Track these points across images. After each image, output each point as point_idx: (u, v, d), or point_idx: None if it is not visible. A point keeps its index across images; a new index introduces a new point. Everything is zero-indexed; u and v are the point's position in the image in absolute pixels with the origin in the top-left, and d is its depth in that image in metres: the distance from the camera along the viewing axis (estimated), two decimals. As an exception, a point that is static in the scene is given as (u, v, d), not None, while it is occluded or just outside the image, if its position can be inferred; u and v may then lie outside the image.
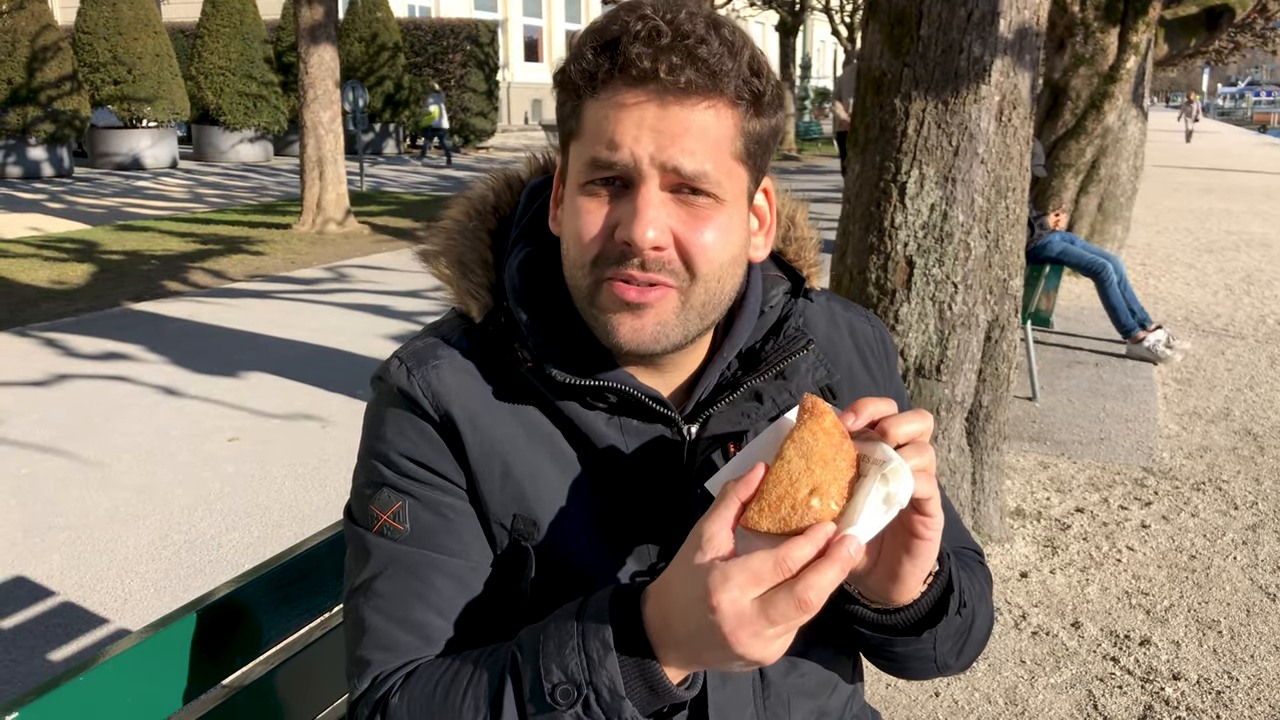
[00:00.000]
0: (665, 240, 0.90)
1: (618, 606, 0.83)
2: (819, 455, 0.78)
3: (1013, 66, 2.95)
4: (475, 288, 1.02)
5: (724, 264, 0.93)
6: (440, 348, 1.02)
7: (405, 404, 1.00)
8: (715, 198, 0.91)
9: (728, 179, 0.91)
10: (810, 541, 0.74)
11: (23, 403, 5.04)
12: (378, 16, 20.45)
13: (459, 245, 1.04)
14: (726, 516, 0.77)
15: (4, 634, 2.97)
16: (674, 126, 0.88)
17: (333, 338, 6.37)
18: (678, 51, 0.86)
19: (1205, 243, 10.72)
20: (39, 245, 9.71)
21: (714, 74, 0.87)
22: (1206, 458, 4.38)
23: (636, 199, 0.89)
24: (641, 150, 0.88)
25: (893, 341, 1.18)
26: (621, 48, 0.87)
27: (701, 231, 0.91)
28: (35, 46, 15.01)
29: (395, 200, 14.00)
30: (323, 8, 10.18)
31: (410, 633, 0.96)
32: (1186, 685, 2.68)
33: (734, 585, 0.73)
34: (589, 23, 0.93)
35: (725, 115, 0.90)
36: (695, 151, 0.88)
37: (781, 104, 0.96)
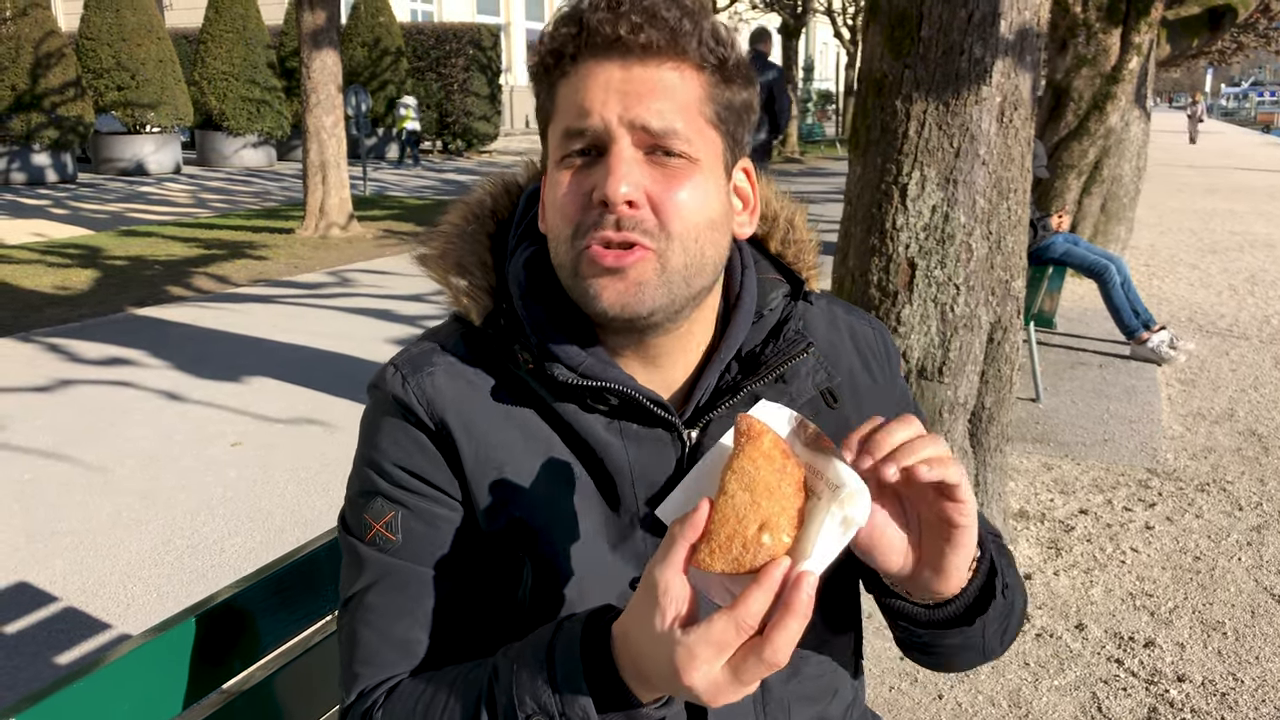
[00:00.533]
0: (638, 196, 0.90)
1: (588, 646, 0.82)
2: (763, 485, 0.74)
3: (1014, 68, 2.95)
4: (475, 290, 1.01)
5: (699, 225, 0.93)
6: (436, 353, 1.02)
7: (400, 412, 0.99)
8: (688, 158, 0.92)
9: (699, 138, 0.92)
10: (764, 589, 0.72)
11: (26, 408, 5.04)
12: (380, 21, 20.48)
13: (458, 248, 1.04)
14: (677, 562, 0.75)
15: (7, 639, 2.98)
16: (639, 87, 0.90)
17: (336, 342, 6.38)
18: (637, 12, 0.89)
19: (1209, 243, 10.70)
20: (43, 251, 9.73)
21: (674, 32, 0.90)
22: (1211, 459, 4.37)
23: (609, 158, 0.90)
24: (610, 112, 0.89)
25: (894, 343, 1.18)
26: (584, 19, 0.90)
27: (675, 190, 0.91)
28: (39, 53, 15.05)
29: (398, 204, 14.02)
30: (325, 12, 10.20)
31: (396, 649, 0.97)
32: (1191, 687, 2.67)
33: (702, 661, 0.73)
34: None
35: (691, 77, 0.92)
36: (663, 109, 0.90)
37: (752, 81, 0.97)
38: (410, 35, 21.82)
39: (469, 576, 1.00)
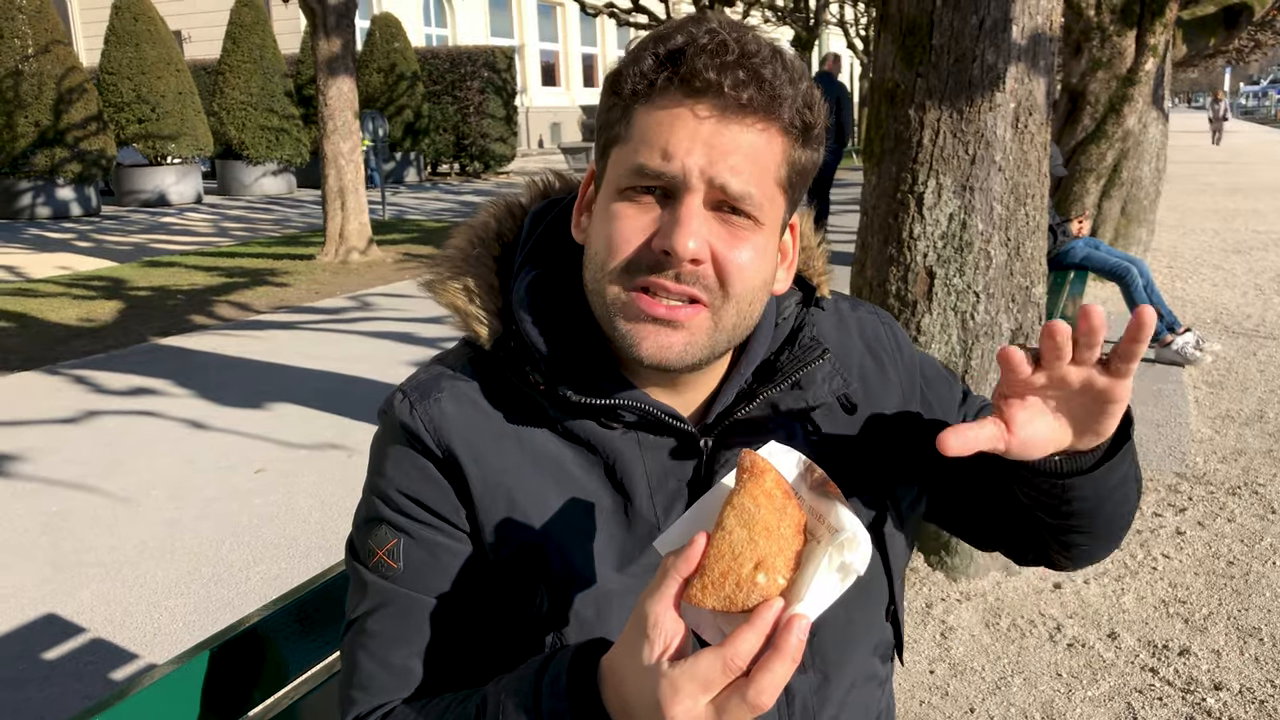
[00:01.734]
0: (704, 254, 0.89)
1: (575, 678, 0.81)
2: (761, 524, 0.73)
3: (1027, 73, 2.93)
4: (483, 313, 1.01)
5: (756, 287, 0.93)
6: (444, 378, 1.02)
7: (407, 439, 0.99)
8: (755, 220, 0.91)
9: (769, 203, 0.91)
10: (755, 630, 0.71)
11: (53, 440, 5.09)
12: (395, 47, 20.65)
13: (464, 272, 1.04)
14: (669, 595, 0.74)
15: (39, 669, 2.99)
16: (727, 143, 0.88)
17: (357, 366, 6.40)
18: (743, 68, 0.86)
19: (1233, 243, 10.60)
20: (68, 284, 9.84)
21: (774, 97, 0.88)
22: (1241, 461, 4.31)
23: (680, 209, 0.88)
24: (693, 162, 0.87)
25: (902, 329, 1.17)
26: (686, 58, 0.87)
27: (739, 250, 0.90)
28: (61, 89, 15.26)
29: (417, 228, 14.10)
30: (340, 40, 10.29)
31: (393, 676, 0.97)
32: (1229, 695, 2.63)
33: (685, 696, 0.71)
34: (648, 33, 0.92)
35: (776, 140, 0.90)
36: (744, 171, 0.88)
37: (824, 142, 0.96)
38: (425, 59, 21.99)
39: (472, 605, 0.99)
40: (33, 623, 3.27)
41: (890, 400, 1.11)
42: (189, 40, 25.03)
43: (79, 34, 26.37)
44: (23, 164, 15.20)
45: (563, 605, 0.97)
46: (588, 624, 0.97)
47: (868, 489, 1.06)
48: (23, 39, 15.03)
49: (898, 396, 1.11)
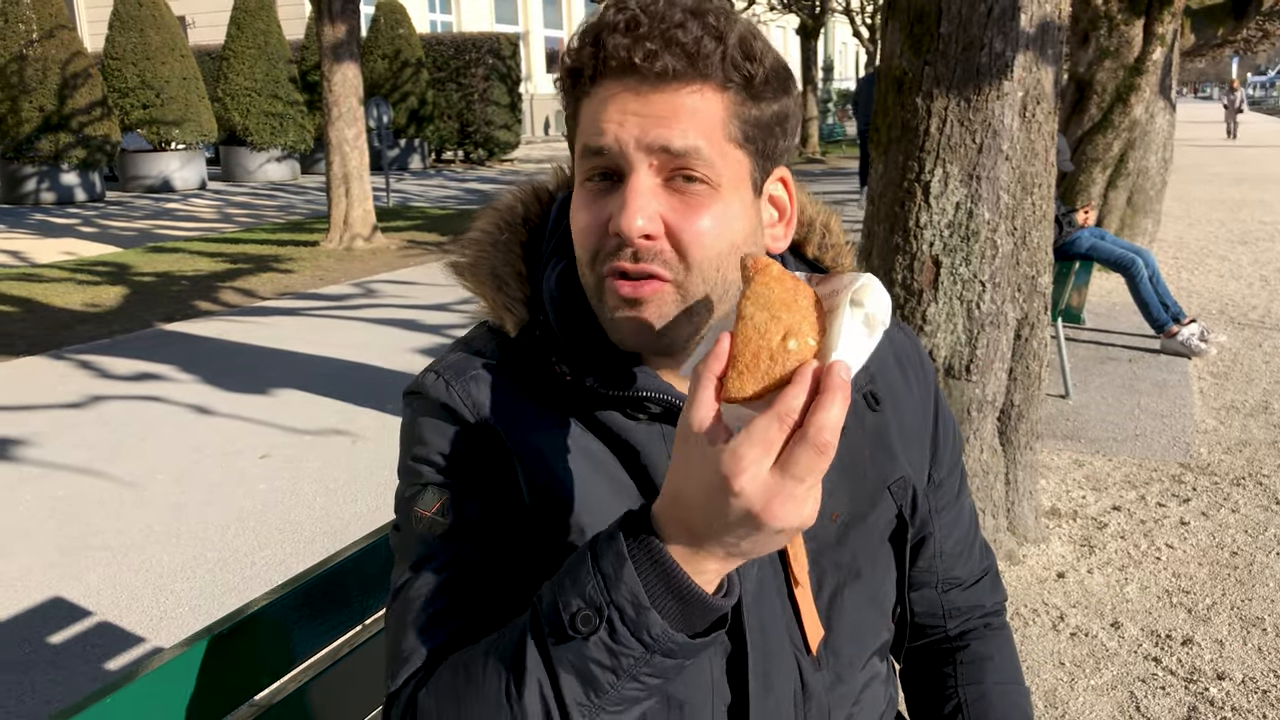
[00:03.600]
0: (655, 228, 0.88)
1: (629, 523, 0.78)
2: (779, 300, 0.73)
3: (1035, 61, 2.92)
4: (511, 301, 1.00)
5: (721, 252, 0.90)
6: (474, 361, 1.01)
7: (444, 414, 0.98)
8: (709, 183, 0.88)
9: (722, 161, 0.89)
10: (800, 385, 0.69)
11: (59, 425, 5.10)
12: (400, 33, 20.60)
13: (492, 258, 1.02)
14: (706, 398, 0.72)
15: (45, 653, 3.01)
16: (658, 109, 0.87)
17: (361, 353, 6.41)
18: (653, 38, 0.85)
19: (1239, 234, 10.56)
20: (73, 269, 9.85)
21: (692, 57, 0.86)
22: (1246, 452, 4.31)
23: (625, 188, 0.88)
24: (626, 134, 0.87)
25: (926, 352, 1.18)
26: (602, 40, 0.87)
27: (695, 219, 0.88)
28: (66, 74, 15.24)
29: (421, 215, 14.09)
30: (345, 26, 10.27)
31: (444, 633, 0.92)
32: (1231, 685, 2.63)
33: (748, 461, 0.68)
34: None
35: (713, 99, 0.88)
36: (684, 132, 0.86)
37: (785, 88, 0.93)
38: (430, 46, 21.93)
39: (515, 563, 0.96)
40: (39, 606, 3.29)
41: (910, 410, 1.12)
42: (193, 25, 24.97)
43: (83, 19, 26.33)
44: (27, 149, 15.20)
45: None
46: None
47: (890, 486, 1.07)
48: (27, 24, 15.01)
49: (918, 412, 1.13)
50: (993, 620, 1.24)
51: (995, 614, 1.24)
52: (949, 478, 1.18)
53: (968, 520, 1.22)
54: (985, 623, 1.23)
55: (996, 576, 1.26)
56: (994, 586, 1.25)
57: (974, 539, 1.23)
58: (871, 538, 1.07)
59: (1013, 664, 1.22)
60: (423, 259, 10.23)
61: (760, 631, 0.98)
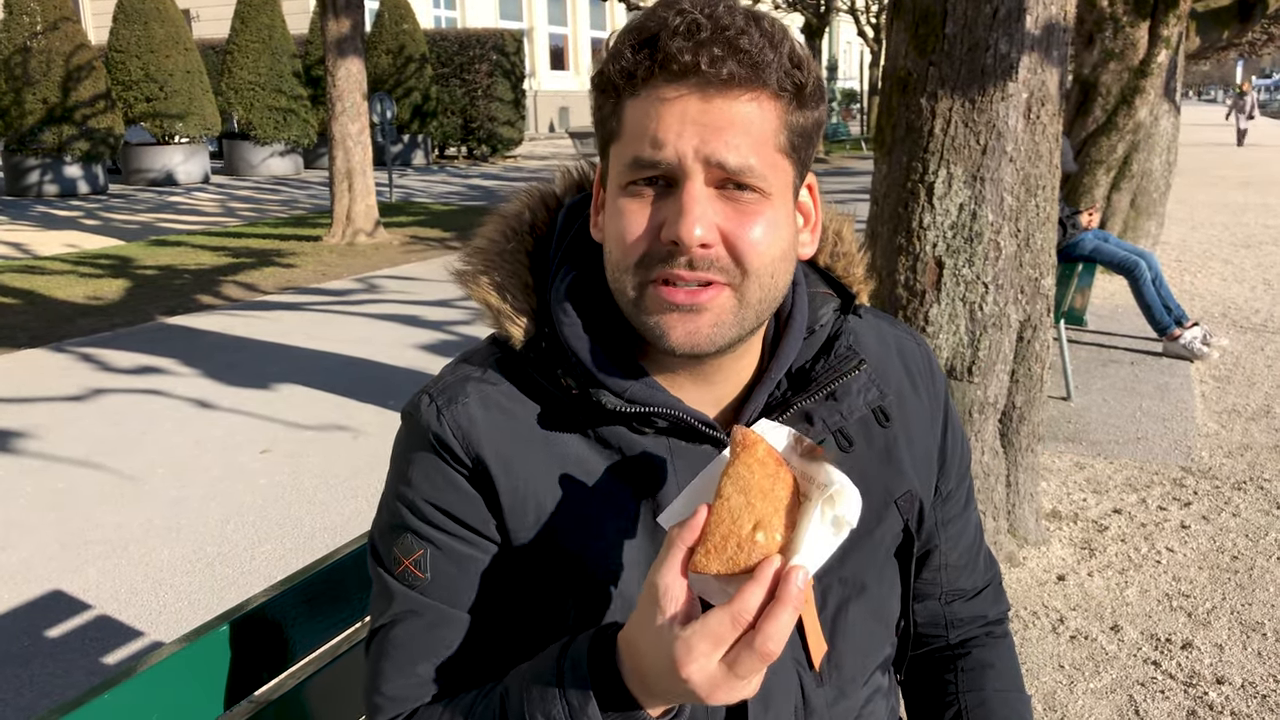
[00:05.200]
0: (713, 237, 0.87)
1: (595, 657, 0.83)
2: (757, 487, 0.77)
3: (1040, 63, 2.91)
4: (516, 313, 0.99)
5: (775, 259, 0.91)
6: (471, 381, 0.99)
7: (434, 446, 0.97)
8: (761, 192, 0.89)
9: (773, 173, 0.89)
10: (759, 584, 0.74)
11: (60, 417, 5.10)
12: (404, 29, 20.60)
13: (498, 267, 1.01)
14: (675, 565, 0.77)
15: (43, 647, 3.01)
16: (717, 119, 0.86)
17: (363, 348, 6.41)
18: (719, 43, 0.84)
19: (1242, 237, 10.55)
20: (75, 262, 9.85)
21: (756, 65, 0.86)
22: (1247, 456, 4.30)
23: (682, 196, 0.87)
24: (685, 145, 0.86)
25: (935, 358, 1.16)
26: (661, 43, 0.85)
27: (750, 227, 0.88)
28: (70, 66, 15.25)
29: (424, 210, 14.09)
30: (350, 21, 10.26)
31: (419, 685, 0.97)
32: (1231, 689, 2.63)
33: (699, 654, 0.74)
34: (624, 24, 0.91)
35: (768, 107, 0.88)
36: (740, 145, 0.86)
37: (823, 96, 0.93)
38: (434, 42, 21.93)
39: (499, 615, 0.99)
40: (39, 599, 3.29)
41: (919, 423, 1.10)
42: (197, 19, 24.98)
43: (87, 12, 26.32)
44: (31, 141, 15.21)
45: (592, 614, 0.97)
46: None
47: (897, 501, 1.06)
48: (31, 16, 15.02)
49: (926, 423, 1.11)
50: (994, 629, 1.23)
51: (997, 623, 1.24)
52: (956, 490, 1.17)
53: (973, 532, 1.21)
54: (987, 631, 1.23)
55: (1000, 587, 1.26)
56: (997, 597, 1.25)
57: (979, 551, 1.22)
58: (877, 552, 1.06)
59: (1014, 671, 1.22)
60: (425, 255, 10.23)
61: None
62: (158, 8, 17.04)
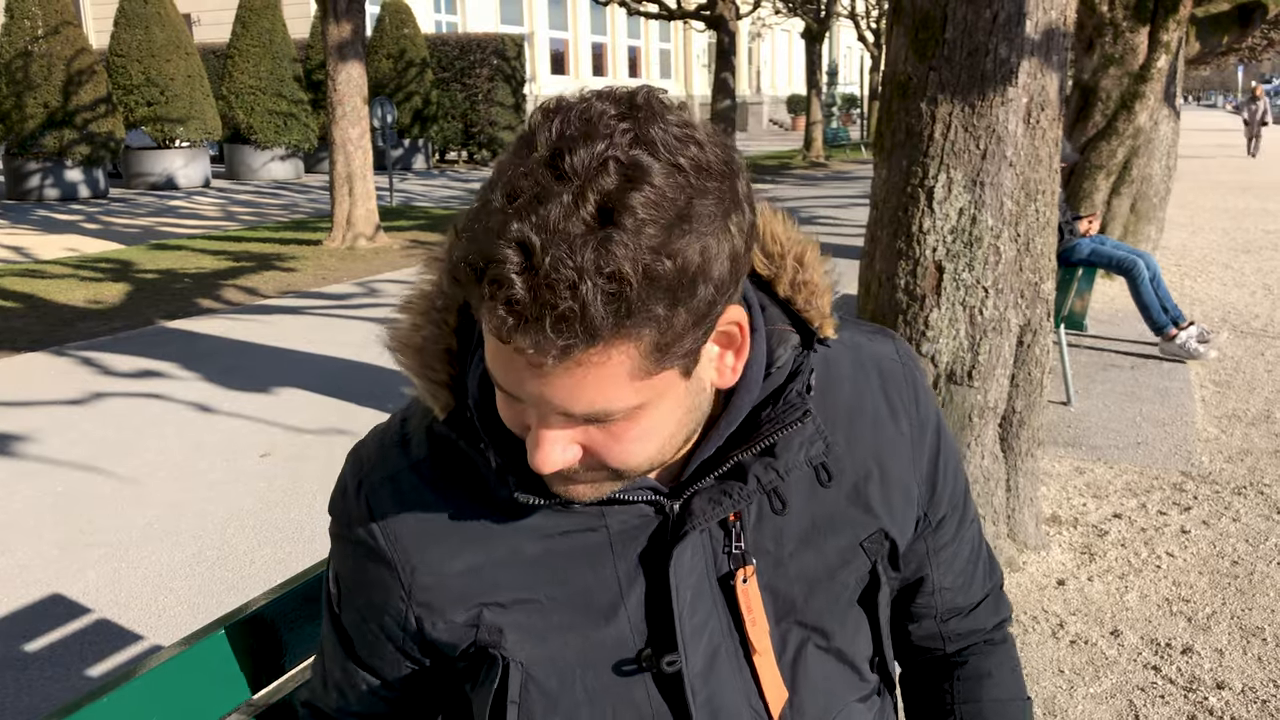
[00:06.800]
0: (573, 457, 0.81)
1: None
2: None
3: (1040, 68, 2.92)
4: (435, 387, 0.91)
5: (658, 449, 0.84)
6: (397, 453, 0.97)
7: (355, 530, 0.97)
8: (628, 417, 0.79)
9: (638, 394, 0.77)
10: None
11: (59, 421, 5.10)
12: (405, 33, 20.62)
13: (423, 330, 0.92)
14: None
15: (41, 651, 3.00)
16: (553, 383, 0.75)
17: (363, 352, 6.41)
18: (539, 325, 0.70)
19: (1242, 242, 10.56)
20: (75, 265, 9.85)
21: (592, 333, 0.70)
22: (1247, 461, 4.30)
23: (536, 430, 0.80)
24: (527, 395, 0.77)
25: (921, 371, 1.08)
26: (485, 298, 0.71)
27: (616, 447, 0.81)
28: (71, 70, 15.26)
29: (425, 215, 14.09)
30: (350, 25, 10.27)
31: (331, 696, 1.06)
32: (1231, 694, 2.63)
33: None
34: (468, 213, 0.75)
35: (619, 353, 0.73)
36: (584, 400, 0.76)
37: (706, 268, 0.73)
38: (435, 46, 21.95)
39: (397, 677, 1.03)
40: (37, 603, 3.28)
41: (896, 457, 1.02)
42: (198, 24, 25.00)
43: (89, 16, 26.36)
44: (31, 145, 15.21)
45: (524, 678, 0.95)
46: (551, 696, 0.95)
47: (863, 543, 1.01)
48: (32, 20, 15.03)
49: (905, 454, 1.03)
50: (994, 635, 1.21)
51: (996, 629, 1.21)
52: (950, 516, 1.11)
53: (968, 552, 1.16)
54: (986, 639, 1.20)
55: (1000, 594, 1.22)
56: (997, 605, 1.21)
57: (975, 567, 1.17)
58: (840, 597, 1.02)
59: (1012, 679, 1.19)
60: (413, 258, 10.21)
61: (709, 705, 0.95)
62: (159, 12, 17.06)
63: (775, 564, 0.97)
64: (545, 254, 0.68)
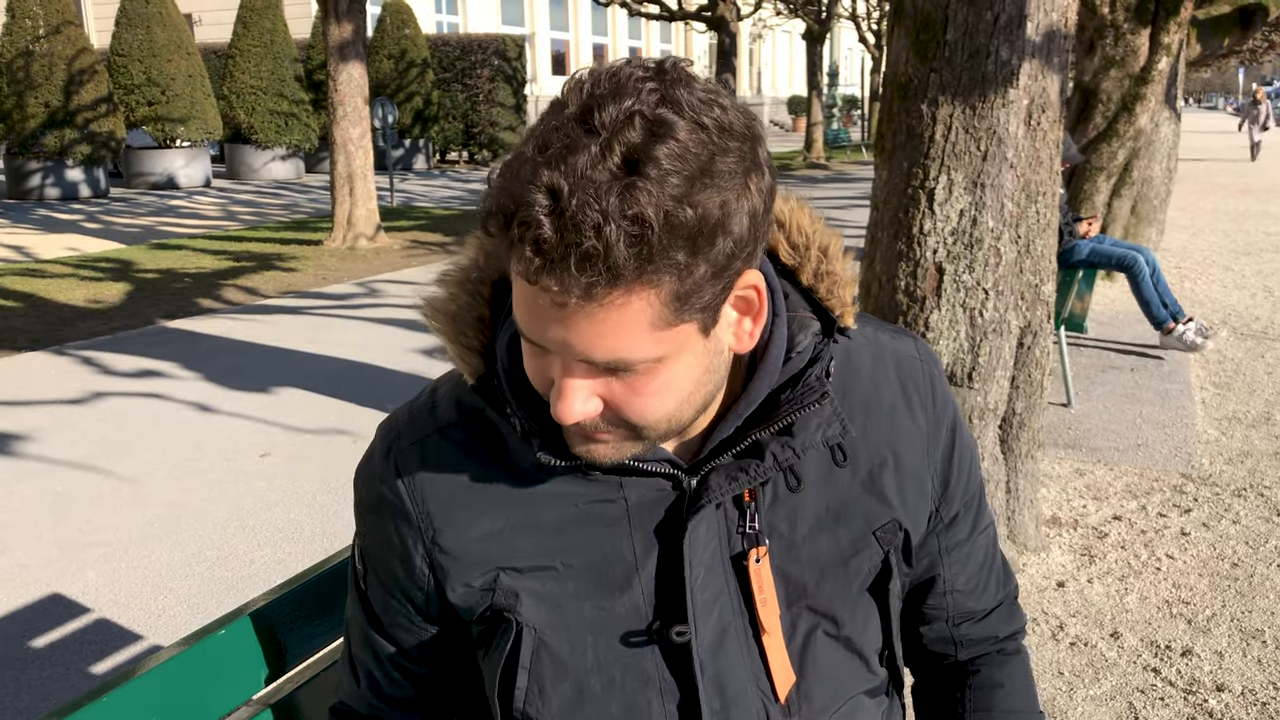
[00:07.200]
0: (594, 409, 0.83)
1: None
2: None
3: (1041, 70, 2.92)
4: (466, 351, 0.95)
5: (676, 406, 0.86)
6: (427, 418, 1.00)
7: (383, 492, 1.00)
8: (647, 370, 0.82)
9: (659, 345, 0.80)
10: None
11: (59, 420, 5.10)
12: (406, 33, 20.63)
13: (458, 299, 0.96)
14: None
15: (40, 651, 3.00)
16: (577, 327, 0.78)
17: (363, 352, 6.41)
18: (565, 265, 0.73)
19: (1243, 244, 10.56)
20: (76, 265, 9.86)
21: (616, 272, 0.73)
22: (1248, 463, 4.30)
23: (561, 380, 0.82)
24: (550, 341, 0.80)
25: (941, 372, 1.09)
26: (513, 235, 0.75)
27: (636, 399, 0.83)
28: (72, 70, 15.27)
29: (425, 215, 14.10)
30: (351, 25, 10.28)
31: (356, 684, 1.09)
32: (1231, 697, 2.63)
33: None
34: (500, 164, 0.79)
35: (640, 299, 0.76)
36: (606, 346, 0.79)
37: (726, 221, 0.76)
38: (436, 47, 21.97)
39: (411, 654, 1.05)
40: (37, 603, 3.28)
41: (911, 449, 1.04)
42: (199, 23, 25.01)
43: (90, 15, 26.37)
44: (32, 145, 15.23)
45: (537, 643, 0.97)
46: (560, 662, 0.97)
47: (876, 532, 1.03)
48: (34, 20, 15.04)
49: (920, 447, 1.04)
50: (1006, 645, 1.19)
51: (1010, 639, 1.20)
52: (963, 515, 1.11)
53: (982, 556, 1.15)
54: (999, 649, 1.19)
55: (1014, 604, 1.21)
56: (1010, 615, 1.20)
57: (989, 573, 1.17)
58: (851, 585, 1.03)
59: (1025, 691, 1.18)
60: (426, 259, 10.24)
61: (716, 681, 0.97)
62: (160, 12, 17.07)
63: (788, 547, 0.99)
64: (572, 197, 0.72)
